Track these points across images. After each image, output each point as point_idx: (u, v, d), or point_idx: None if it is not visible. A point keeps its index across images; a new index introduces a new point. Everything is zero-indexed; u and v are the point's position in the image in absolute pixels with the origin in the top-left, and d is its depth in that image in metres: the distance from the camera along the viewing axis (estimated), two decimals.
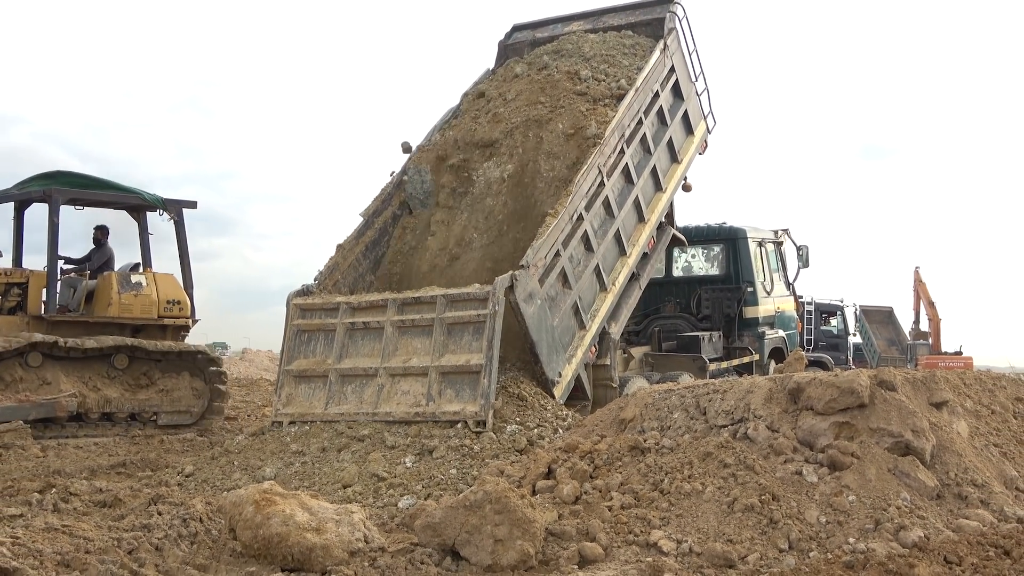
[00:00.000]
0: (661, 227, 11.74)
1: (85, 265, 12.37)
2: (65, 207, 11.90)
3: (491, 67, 12.69)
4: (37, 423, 10.71)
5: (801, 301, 16.14)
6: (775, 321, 13.96)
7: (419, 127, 13.13)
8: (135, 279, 12.02)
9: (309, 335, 9.30)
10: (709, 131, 12.68)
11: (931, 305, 33.62)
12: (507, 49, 12.81)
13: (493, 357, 8.04)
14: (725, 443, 5.81)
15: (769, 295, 13.81)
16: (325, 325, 9.19)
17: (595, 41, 11.93)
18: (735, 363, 12.80)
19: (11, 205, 12.34)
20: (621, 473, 5.82)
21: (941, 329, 33.17)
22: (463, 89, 12.27)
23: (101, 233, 12.65)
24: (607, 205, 10.22)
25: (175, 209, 12.60)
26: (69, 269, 12.32)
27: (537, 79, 11.22)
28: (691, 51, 12.14)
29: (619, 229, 10.45)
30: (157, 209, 12.57)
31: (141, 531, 5.02)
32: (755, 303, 13.42)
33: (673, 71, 11.67)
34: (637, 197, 10.84)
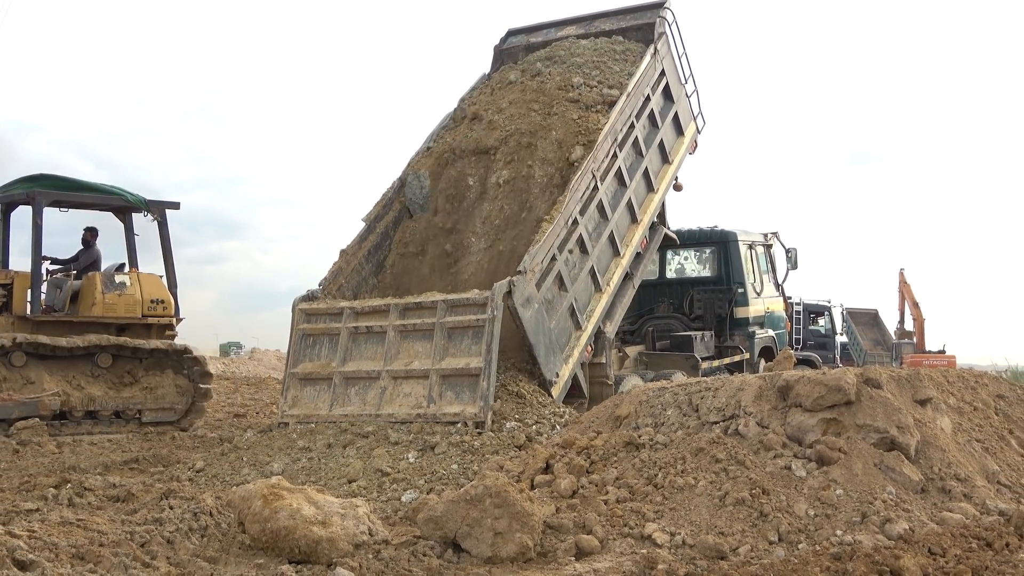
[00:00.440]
0: (653, 227, 11.84)
1: (71, 266, 12.35)
2: (50, 209, 11.84)
3: (487, 71, 12.80)
4: (53, 421, 10.82)
5: (790, 302, 16.23)
6: (765, 321, 14.10)
7: (421, 131, 13.17)
8: (119, 279, 12.01)
9: (314, 339, 9.43)
10: (699, 131, 12.78)
11: (915, 305, 33.79)
12: (502, 54, 12.89)
13: (492, 361, 8.17)
14: (717, 439, 5.90)
15: (759, 296, 13.95)
16: (329, 329, 9.31)
17: (587, 47, 12.01)
18: (726, 362, 12.93)
19: None
20: (616, 468, 5.90)
21: (925, 329, 33.34)
22: (461, 93, 12.36)
23: (90, 234, 12.64)
24: (601, 208, 10.33)
25: (158, 210, 12.58)
26: (56, 270, 12.31)
27: (530, 86, 11.31)
28: (680, 54, 12.26)
29: (613, 231, 10.56)
30: (142, 210, 12.53)
31: (153, 525, 5.05)
32: (745, 304, 13.55)
33: (663, 74, 11.78)
34: (630, 199, 10.95)
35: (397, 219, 11.11)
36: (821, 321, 26.01)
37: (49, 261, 12.23)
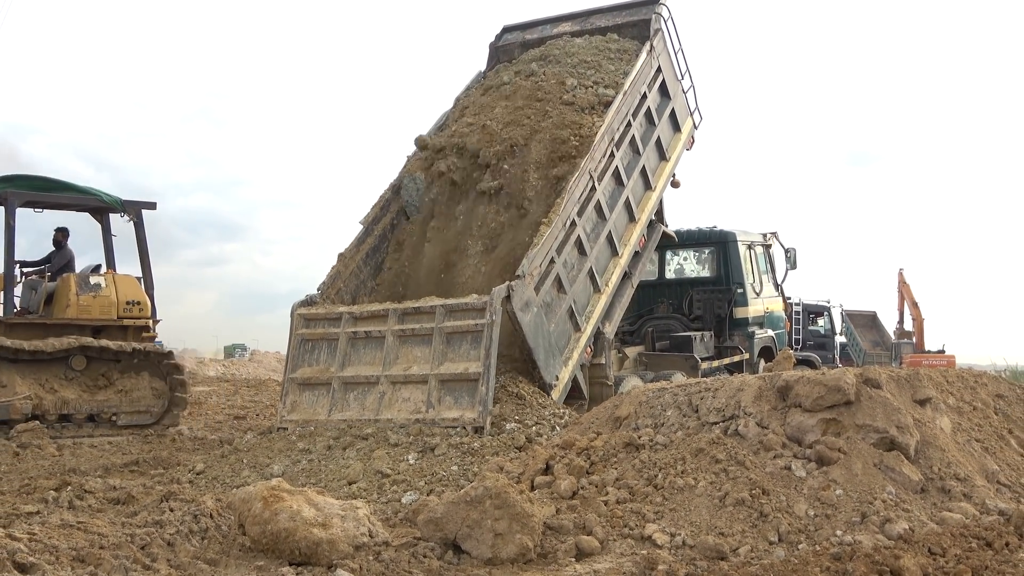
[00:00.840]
0: (651, 225, 11.81)
1: (45, 267, 12.22)
2: (24, 210, 11.68)
3: (483, 69, 12.75)
4: (55, 423, 10.79)
5: (789, 302, 16.29)
6: (764, 321, 14.12)
7: (420, 131, 13.13)
8: (94, 280, 11.86)
9: (313, 344, 9.42)
10: (696, 127, 12.74)
11: (915, 305, 33.88)
12: (498, 51, 12.85)
13: (491, 365, 8.17)
14: (717, 439, 5.90)
15: (758, 296, 13.97)
16: (328, 334, 9.30)
17: (581, 46, 11.96)
18: (726, 362, 12.95)
19: None
20: (616, 469, 5.91)
21: (924, 328, 33.43)
22: (458, 92, 12.33)
23: (61, 235, 12.50)
24: (599, 208, 10.31)
25: (134, 210, 12.42)
26: (30, 272, 12.20)
27: (524, 86, 11.25)
28: (677, 50, 12.21)
29: (611, 231, 10.54)
30: (119, 211, 12.38)
31: (153, 527, 5.06)
32: (745, 304, 13.57)
33: (660, 71, 11.74)
34: (628, 198, 10.92)
35: (395, 221, 11.09)
36: (820, 321, 26.10)
37: (20, 264, 12.08)
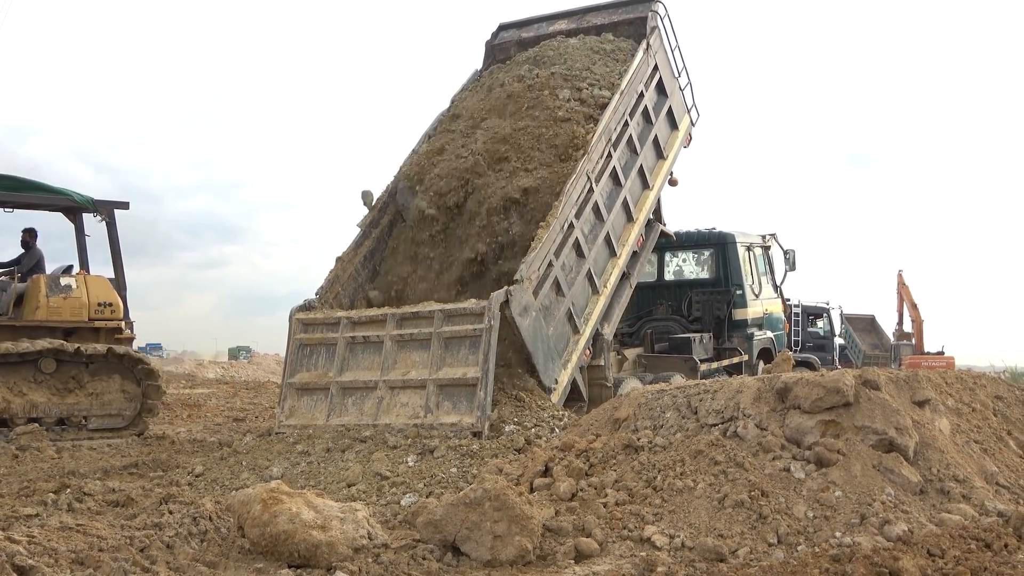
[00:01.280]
0: (649, 224, 11.78)
1: (14, 268, 12.03)
2: None
3: (479, 68, 12.71)
4: (53, 426, 10.74)
5: (788, 303, 16.31)
6: (763, 323, 14.15)
7: (419, 132, 13.14)
8: (64, 282, 11.66)
9: (311, 349, 9.40)
10: (693, 124, 12.71)
11: (914, 307, 33.90)
12: (494, 49, 12.82)
13: (489, 370, 8.16)
14: (716, 441, 5.90)
15: (757, 298, 14.00)
16: (326, 339, 9.28)
17: (575, 47, 11.90)
18: (725, 364, 12.97)
19: None
20: (616, 471, 5.91)
21: (924, 330, 33.45)
22: (453, 92, 12.31)
23: (29, 236, 12.28)
24: (596, 210, 10.29)
25: (106, 210, 12.21)
26: (0, 273, 12.05)
27: (517, 89, 11.18)
28: (673, 47, 12.18)
29: (609, 231, 10.52)
30: (91, 211, 12.17)
31: (153, 529, 5.06)
32: (744, 305, 13.60)
33: (656, 69, 11.71)
34: (625, 198, 10.90)
35: (392, 223, 11.07)
36: (819, 323, 26.13)
37: None
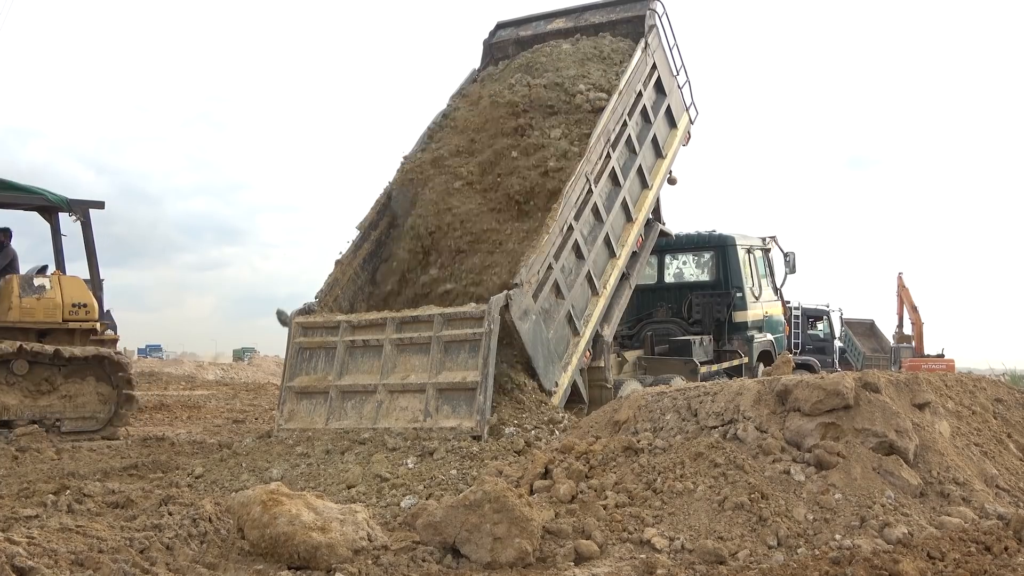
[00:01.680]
0: (648, 224, 11.75)
1: None
2: None
3: (476, 67, 12.64)
4: (52, 428, 10.72)
5: (788, 306, 16.32)
6: (763, 325, 14.15)
7: (418, 132, 13.14)
8: (38, 282, 11.53)
9: (311, 352, 9.38)
10: (692, 122, 12.67)
11: (914, 309, 33.91)
12: (492, 48, 12.77)
13: (489, 375, 8.14)
14: (716, 443, 5.90)
15: (757, 300, 14.00)
16: (326, 343, 9.26)
17: (569, 52, 11.78)
18: (725, 366, 12.96)
19: None
20: (615, 473, 5.91)
21: (924, 333, 33.45)
22: (451, 91, 12.26)
23: (3, 235, 12.16)
24: (596, 211, 10.26)
25: (81, 210, 12.08)
26: None
27: (509, 100, 11.05)
28: (672, 46, 12.13)
29: (608, 232, 10.49)
30: (66, 210, 12.03)
31: (152, 531, 5.06)
32: (744, 308, 13.60)
33: (655, 68, 11.66)
34: (625, 198, 10.86)
35: (391, 225, 11.03)
36: (820, 325, 26.16)
37: None
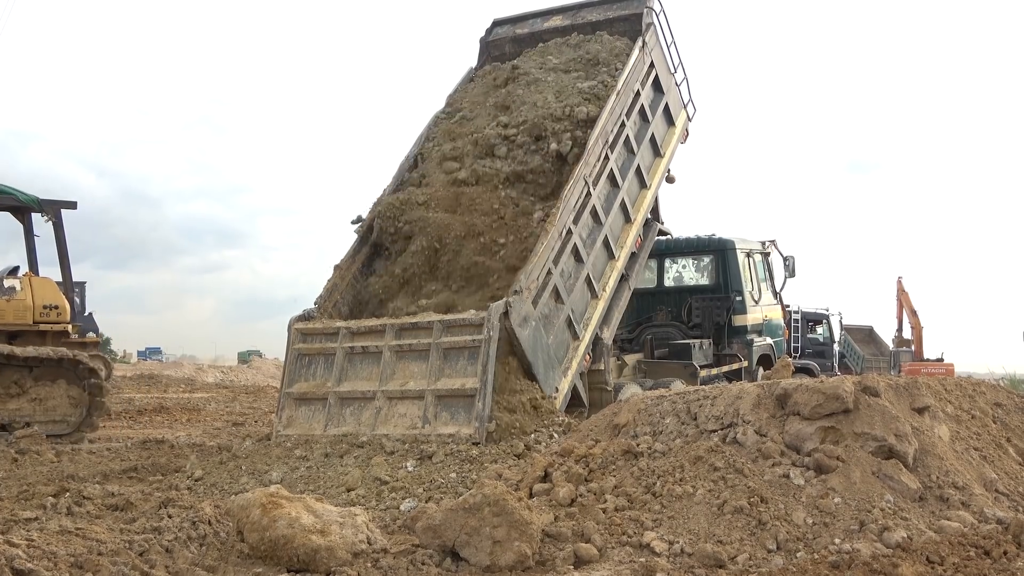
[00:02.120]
0: (647, 223, 11.71)
1: None
2: None
3: (473, 66, 12.59)
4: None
5: (788, 310, 16.34)
6: (763, 329, 14.15)
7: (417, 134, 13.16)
8: (8, 283, 11.49)
9: (310, 359, 9.36)
10: (690, 119, 12.63)
11: (913, 313, 33.96)
12: (488, 46, 12.74)
13: (488, 381, 8.13)
14: (715, 447, 5.90)
15: (757, 304, 13.99)
16: (325, 349, 9.25)
17: (560, 71, 11.57)
18: (725, 370, 12.95)
19: None
20: (615, 476, 5.91)
21: (923, 337, 33.49)
22: (449, 90, 12.26)
23: None
24: (594, 213, 10.23)
25: (53, 210, 12.04)
26: None
27: (497, 120, 10.97)
28: (669, 43, 12.08)
29: (607, 234, 10.45)
30: (38, 210, 12.00)
31: (152, 533, 5.07)
32: (744, 312, 13.60)
33: (652, 66, 11.61)
34: (623, 199, 10.82)
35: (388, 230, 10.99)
36: (819, 329, 26.20)
37: None
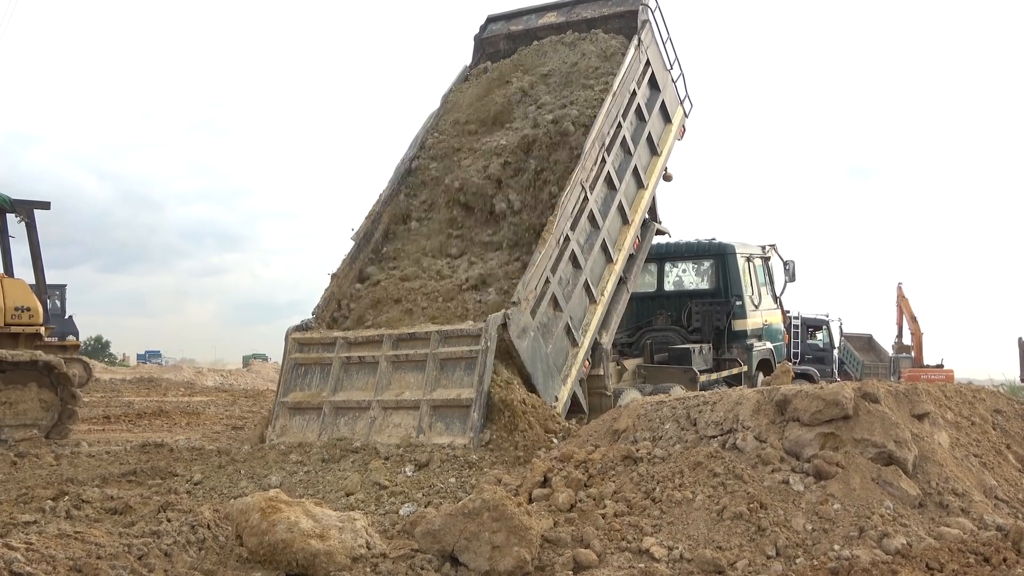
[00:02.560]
0: (645, 224, 11.68)
1: None
2: None
3: (468, 64, 12.60)
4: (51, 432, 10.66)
5: (788, 315, 16.35)
6: (763, 334, 14.15)
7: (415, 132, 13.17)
8: None
9: (306, 368, 9.37)
10: (687, 115, 12.61)
11: (913, 320, 34.01)
12: (483, 43, 12.74)
13: (483, 392, 8.12)
14: (715, 453, 5.90)
15: (757, 309, 14.00)
16: (322, 359, 9.25)
17: (555, 66, 11.61)
18: (724, 375, 12.96)
19: None
20: (614, 482, 5.90)
21: (923, 343, 33.52)
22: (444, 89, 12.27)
23: None
24: (592, 218, 10.20)
25: (25, 210, 11.88)
26: None
27: (490, 131, 11.01)
28: (665, 40, 12.06)
29: (605, 238, 10.42)
30: (10, 211, 11.85)
31: (151, 537, 5.04)
32: (743, 316, 13.60)
33: (649, 64, 11.58)
34: (620, 201, 10.79)
35: (386, 233, 10.97)
36: (819, 335, 26.20)
37: None
